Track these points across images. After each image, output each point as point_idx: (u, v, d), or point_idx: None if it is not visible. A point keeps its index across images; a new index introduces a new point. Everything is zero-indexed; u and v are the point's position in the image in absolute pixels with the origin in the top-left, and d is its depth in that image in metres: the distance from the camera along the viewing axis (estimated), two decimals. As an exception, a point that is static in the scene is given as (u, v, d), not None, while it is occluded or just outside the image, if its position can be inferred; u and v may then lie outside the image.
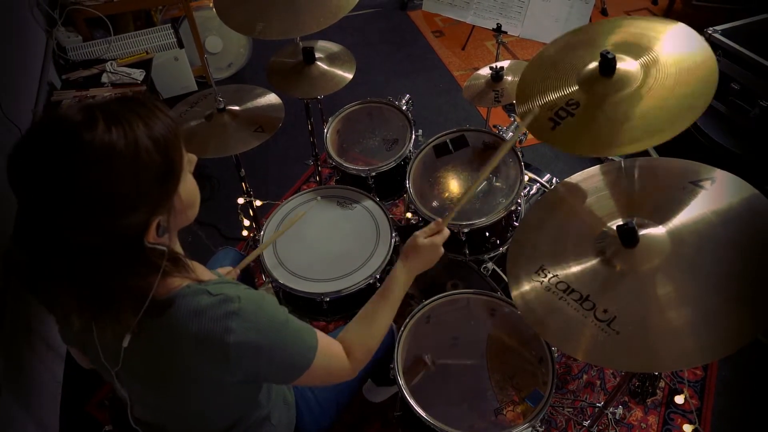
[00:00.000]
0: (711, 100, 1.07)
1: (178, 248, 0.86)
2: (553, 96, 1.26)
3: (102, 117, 0.69)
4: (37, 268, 0.73)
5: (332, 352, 0.98)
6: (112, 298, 0.76)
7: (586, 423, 1.61)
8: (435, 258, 1.13)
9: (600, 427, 1.70)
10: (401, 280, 1.10)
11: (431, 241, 1.12)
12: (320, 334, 0.95)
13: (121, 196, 0.71)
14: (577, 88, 1.24)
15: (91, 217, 0.70)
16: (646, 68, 1.17)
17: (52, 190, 0.68)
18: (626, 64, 1.19)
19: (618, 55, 1.18)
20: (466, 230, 1.52)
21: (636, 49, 1.21)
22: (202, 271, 0.88)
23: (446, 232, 1.15)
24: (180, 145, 0.78)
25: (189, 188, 0.83)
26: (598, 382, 1.84)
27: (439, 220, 1.16)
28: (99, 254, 0.72)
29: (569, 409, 1.77)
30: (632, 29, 1.26)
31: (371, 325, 1.05)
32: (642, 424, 1.74)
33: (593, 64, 1.22)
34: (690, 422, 1.72)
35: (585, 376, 1.85)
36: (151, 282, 0.78)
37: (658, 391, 1.79)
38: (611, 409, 1.56)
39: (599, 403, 1.68)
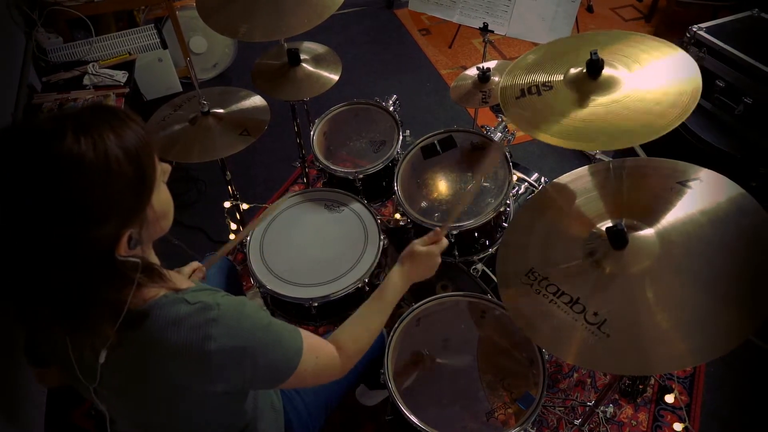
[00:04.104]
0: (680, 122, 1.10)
1: (153, 258, 0.84)
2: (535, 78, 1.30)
3: (71, 127, 0.68)
4: (8, 281, 0.71)
5: (319, 351, 0.96)
6: (87, 312, 0.74)
7: (577, 422, 1.61)
8: (432, 266, 1.15)
9: (591, 426, 1.70)
10: (398, 284, 1.11)
11: (428, 249, 1.13)
12: (306, 334, 0.94)
13: (90, 208, 0.69)
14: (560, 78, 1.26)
15: (60, 229, 0.68)
16: (630, 80, 1.19)
17: (19, 202, 0.66)
18: (614, 71, 1.20)
19: (607, 60, 1.19)
20: (455, 232, 1.52)
21: (625, 62, 1.24)
22: (179, 280, 0.85)
23: (444, 242, 1.16)
24: (152, 155, 0.77)
25: (162, 199, 0.81)
26: (589, 381, 1.84)
27: (438, 229, 1.17)
28: (70, 267, 0.70)
29: (560, 408, 1.77)
30: (629, 43, 1.28)
31: (364, 326, 1.07)
32: (632, 422, 1.74)
33: (580, 67, 1.23)
34: (680, 419, 1.73)
35: (575, 375, 1.85)
36: (126, 294, 0.76)
37: (648, 388, 1.80)
38: (602, 408, 1.57)
39: (590, 401, 1.69)
